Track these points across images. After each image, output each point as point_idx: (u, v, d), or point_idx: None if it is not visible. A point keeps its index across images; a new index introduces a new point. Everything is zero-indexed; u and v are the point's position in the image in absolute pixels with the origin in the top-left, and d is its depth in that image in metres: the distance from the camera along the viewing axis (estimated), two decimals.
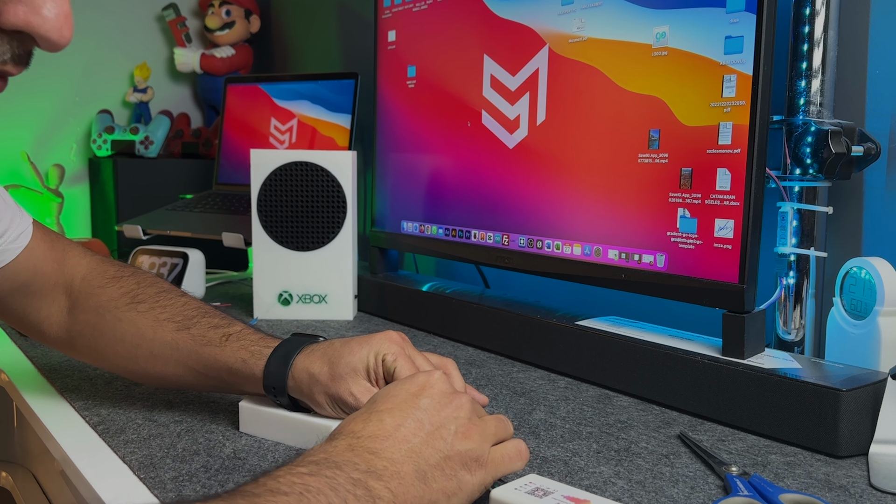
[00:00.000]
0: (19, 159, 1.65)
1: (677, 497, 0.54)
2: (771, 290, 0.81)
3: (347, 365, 0.60)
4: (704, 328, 0.82)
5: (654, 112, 0.77)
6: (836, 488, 0.56)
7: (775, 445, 0.65)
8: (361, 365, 0.61)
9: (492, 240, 0.98)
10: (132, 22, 1.83)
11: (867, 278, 0.70)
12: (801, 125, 0.77)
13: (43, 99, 1.71)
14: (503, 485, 0.50)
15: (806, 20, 0.78)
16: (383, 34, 1.15)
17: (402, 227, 1.14)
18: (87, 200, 1.77)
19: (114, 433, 0.65)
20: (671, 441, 0.65)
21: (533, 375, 0.85)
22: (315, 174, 1.01)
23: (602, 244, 0.84)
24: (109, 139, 1.64)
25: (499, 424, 0.54)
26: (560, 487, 0.49)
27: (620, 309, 0.93)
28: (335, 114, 1.41)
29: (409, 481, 0.47)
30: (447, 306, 1.00)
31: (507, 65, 0.95)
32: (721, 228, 0.72)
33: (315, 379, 0.61)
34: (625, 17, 0.80)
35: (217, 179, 1.56)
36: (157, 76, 1.87)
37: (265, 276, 1.04)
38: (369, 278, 1.15)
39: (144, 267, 1.21)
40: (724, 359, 0.71)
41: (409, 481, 0.47)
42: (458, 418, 0.51)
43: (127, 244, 1.51)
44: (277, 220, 1.02)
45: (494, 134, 0.97)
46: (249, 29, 1.84)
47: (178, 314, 0.68)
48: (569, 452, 0.62)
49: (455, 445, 0.50)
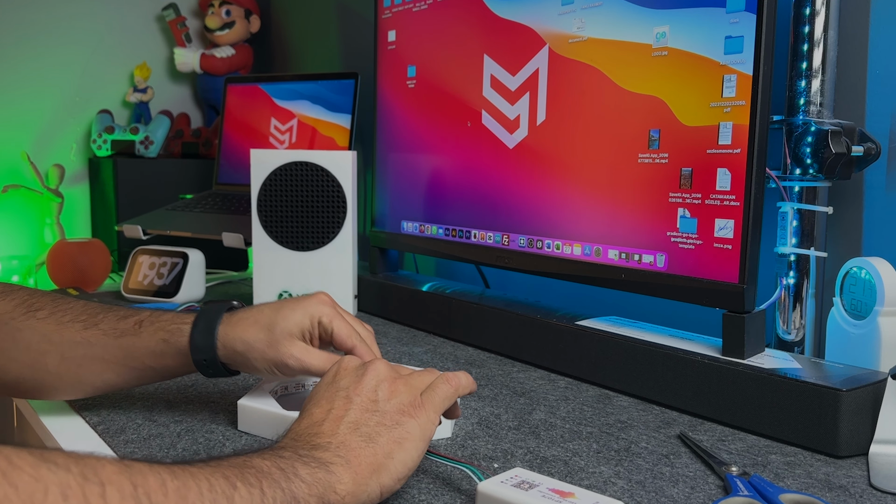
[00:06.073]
0: (19, 159, 1.65)
1: (677, 497, 0.54)
2: (771, 290, 0.81)
3: (283, 330, 0.63)
4: (704, 328, 0.82)
5: (654, 112, 0.77)
6: (836, 488, 0.56)
7: (775, 445, 0.65)
8: (297, 329, 0.63)
9: (492, 240, 0.98)
10: (132, 22, 1.83)
11: (867, 278, 0.70)
12: (801, 125, 0.77)
13: (43, 99, 1.71)
14: (489, 478, 0.50)
15: (806, 20, 0.78)
16: (383, 34, 1.15)
17: (402, 227, 1.14)
18: (87, 200, 1.77)
19: (114, 433, 0.65)
20: (671, 441, 0.65)
21: (533, 375, 0.85)
22: (315, 174, 1.00)
23: (602, 244, 0.84)
24: (109, 139, 1.64)
25: (423, 374, 0.57)
26: (545, 480, 0.49)
27: (620, 309, 0.93)
28: (335, 114, 1.41)
29: (357, 445, 0.49)
30: (447, 306, 1.00)
31: (507, 65, 0.95)
32: (721, 228, 0.72)
33: (251, 346, 0.63)
34: (625, 17, 0.80)
35: (217, 179, 1.56)
36: (157, 76, 1.87)
37: (265, 276, 1.04)
38: (369, 278, 1.15)
39: (145, 266, 1.21)
40: (724, 359, 0.71)
41: (356, 446, 0.49)
42: (380, 381, 0.54)
43: (127, 244, 1.51)
44: (277, 220, 1.02)
45: (494, 134, 0.97)
46: (249, 29, 1.83)
47: (82, 314, 0.66)
48: (569, 452, 0.62)
49: (386, 404, 0.52)
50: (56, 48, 1.72)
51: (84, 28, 1.75)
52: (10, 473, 0.29)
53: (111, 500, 0.32)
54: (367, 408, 0.52)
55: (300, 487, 0.44)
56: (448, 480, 0.56)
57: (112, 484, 0.33)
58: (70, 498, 0.31)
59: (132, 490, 0.34)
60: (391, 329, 1.06)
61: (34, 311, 0.66)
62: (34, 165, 1.63)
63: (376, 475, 0.48)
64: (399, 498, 0.53)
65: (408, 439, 0.51)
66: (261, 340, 0.63)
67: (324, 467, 0.46)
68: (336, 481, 0.46)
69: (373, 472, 0.48)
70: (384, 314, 1.12)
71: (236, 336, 0.63)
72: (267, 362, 0.63)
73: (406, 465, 0.50)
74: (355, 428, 0.50)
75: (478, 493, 0.49)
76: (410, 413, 0.52)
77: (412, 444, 0.51)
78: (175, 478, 0.37)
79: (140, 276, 1.20)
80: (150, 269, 1.20)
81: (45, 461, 0.31)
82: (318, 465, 0.46)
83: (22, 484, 0.29)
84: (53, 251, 1.30)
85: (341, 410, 0.51)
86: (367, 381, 0.54)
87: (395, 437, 0.50)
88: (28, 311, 0.65)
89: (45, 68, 1.71)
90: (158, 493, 0.35)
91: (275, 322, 0.63)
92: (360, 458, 0.48)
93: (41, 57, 1.70)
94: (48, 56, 1.71)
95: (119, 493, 0.33)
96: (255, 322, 0.64)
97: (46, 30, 1.70)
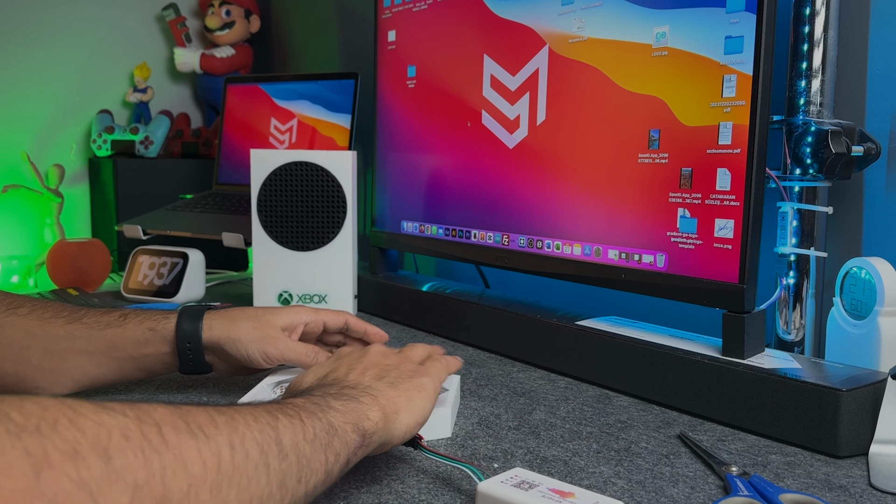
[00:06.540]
0: (19, 159, 1.65)
1: (677, 497, 0.54)
2: (771, 290, 0.81)
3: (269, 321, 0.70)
4: (704, 328, 0.82)
5: (654, 112, 0.77)
6: (836, 488, 0.56)
7: (775, 445, 0.65)
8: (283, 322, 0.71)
9: (492, 240, 0.98)
10: (132, 22, 1.83)
11: (867, 278, 0.70)
12: (801, 125, 0.77)
13: (43, 99, 1.71)
14: (490, 478, 0.50)
15: (806, 20, 0.78)
16: (383, 34, 1.15)
17: (402, 227, 1.14)
18: (87, 200, 1.77)
19: None
20: (671, 441, 0.65)
21: (533, 375, 0.85)
22: (315, 174, 1.00)
23: (602, 244, 0.84)
24: (109, 139, 1.64)
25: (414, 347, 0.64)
26: (545, 480, 0.49)
27: (620, 309, 0.93)
28: (335, 114, 1.41)
29: (382, 388, 0.53)
30: (447, 306, 1.00)
31: (507, 65, 0.95)
32: (721, 228, 0.72)
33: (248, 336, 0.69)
34: (625, 17, 0.80)
35: (217, 179, 1.56)
36: (157, 76, 1.87)
37: (265, 276, 1.04)
38: (369, 278, 1.15)
39: (145, 267, 1.21)
40: (724, 359, 0.71)
41: (381, 388, 0.53)
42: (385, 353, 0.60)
43: (127, 244, 1.51)
44: (277, 220, 1.02)
45: (494, 134, 0.97)
46: (249, 29, 1.83)
47: (63, 310, 0.68)
48: (569, 452, 0.62)
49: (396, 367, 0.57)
50: (56, 48, 1.72)
51: (84, 28, 1.75)
52: (77, 420, 0.32)
53: (168, 436, 0.35)
54: (382, 367, 0.57)
55: (335, 416, 0.47)
56: (448, 480, 0.56)
57: (166, 423, 0.35)
58: (131, 438, 0.33)
59: (186, 426, 0.36)
60: (391, 329, 1.06)
61: (13, 308, 0.67)
62: (34, 165, 1.63)
63: (400, 414, 0.52)
64: (399, 498, 0.53)
65: (424, 389, 0.56)
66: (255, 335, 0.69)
67: (355, 400, 0.50)
68: (367, 410, 0.50)
69: (397, 410, 0.52)
70: (384, 314, 1.12)
71: (223, 322, 0.69)
72: (263, 353, 0.69)
73: (424, 411, 0.55)
74: (378, 377, 0.55)
75: (478, 493, 0.49)
76: (421, 372, 0.58)
77: (427, 394, 0.56)
78: (221, 414, 0.40)
79: (140, 276, 1.20)
80: (150, 269, 1.20)
81: (104, 408, 0.34)
82: (349, 399, 0.50)
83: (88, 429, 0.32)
84: (53, 251, 1.30)
85: (360, 368, 0.56)
86: (372, 353, 0.60)
87: (414, 386, 0.55)
88: (8, 310, 0.67)
89: (45, 68, 1.71)
90: (210, 426, 0.37)
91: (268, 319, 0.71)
92: (385, 397, 0.52)
93: (41, 57, 1.70)
94: (48, 56, 1.71)
95: (174, 429, 0.35)
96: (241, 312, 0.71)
97: (47, 30, 1.70)
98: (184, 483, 0.34)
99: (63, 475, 0.29)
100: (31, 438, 0.29)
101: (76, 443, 0.31)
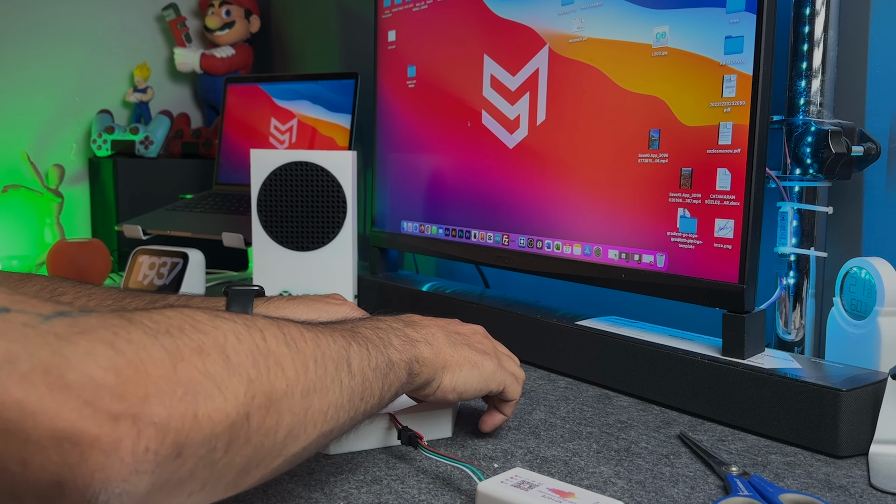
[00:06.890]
0: (19, 159, 1.65)
1: (677, 497, 0.54)
2: (771, 290, 0.81)
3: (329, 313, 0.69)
4: (704, 328, 0.82)
5: (654, 112, 0.77)
6: (836, 488, 0.56)
7: (775, 445, 0.65)
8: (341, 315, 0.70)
9: (492, 240, 0.98)
10: (132, 22, 1.83)
11: (867, 278, 0.70)
12: (801, 125, 0.77)
13: (43, 99, 1.71)
14: (490, 478, 0.50)
15: (806, 20, 0.78)
16: (383, 34, 1.15)
17: (402, 227, 1.14)
18: (87, 200, 1.77)
19: None
20: (671, 441, 0.65)
21: (533, 375, 0.85)
22: (315, 174, 1.00)
23: (602, 244, 0.84)
24: (109, 139, 1.64)
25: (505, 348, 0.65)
26: (545, 480, 0.49)
27: (620, 309, 0.93)
28: (335, 114, 1.41)
29: (441, 341, 0.57)
30: (447, 306, 1.00)
31: (507, 65, 0.95)
32: (721, 228, 0.72)
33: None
34: (625, 17, 0.80)
35: (217, 179, 1.56)
36: (157, 76, 1.87)
37: (265, 276, 1.03)
38: (369, 278, 1.15)
39: (145, 267, 1.21)
40: (724, 359, 0.71)
41: (441, 341, 0.57)
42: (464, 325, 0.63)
43: (127, 244, 1.51)
44: (277, 220, 1.02)
45: (494, 134, 0.97)
46: (249, 29, 1.83)
47: (107, 298, 0.68)
48: (569, 452, 0.62)
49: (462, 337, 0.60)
50: (56, 48, 1.72)
51: (84, 28, 1.75)
52: (197, 325, 0.38)
53: (270, 341, 0.41)
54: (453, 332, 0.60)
55: (394, 353, 0.53)
56: (448, 480, 0.56)
57: (268, 330, 0.42)
58: (242, 340, 0.40)
59: (283, 336, 0.43)
60: None
61: (57, 296, 0.67)
62: (34, 165, 1.63)
63: (446, 371, 0.57)
64: (399, 498, 0.53)
65: (480, 367, 0.59)
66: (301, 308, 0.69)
67: (411, 342, 0.55)
68: (419, 354, 0.55)
69: (445, 366, 0.57)
70: None
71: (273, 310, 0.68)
72: None
73: (467, 383, 0.58)
74: (445, 334, 0.59)
75: (478, 493, 0.49)
76: (487, 354, 0.60)
77: (479, 373, 0.58)
78: (308, 331, 0.46)
79: (140, 276, 1.20)
80: (150, 269, 1.20)
81: (217, 316, 0.40)
82: (406, 340, 0.55)
83: (207, 332, 0.38)
84: (53, 251, 1.30)
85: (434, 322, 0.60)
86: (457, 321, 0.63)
87: (472, 358, 0.58)
88: (51, 297, 0.66)
89: (45, 68, 1.71)
90: (300, 340, 0.44)
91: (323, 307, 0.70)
92: (440, 349, 0.57)
93: (41, 57, 1.70)
94: (48, 56, 1.71)
95: (274, 337, 0.42)
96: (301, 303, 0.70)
97: (46, 30, 1.70)
98: (283, 383, 0.41)
99: (193, 367, 0.36)
100: (165, 338, 0.35)
101: (200, 342, 0.37)
